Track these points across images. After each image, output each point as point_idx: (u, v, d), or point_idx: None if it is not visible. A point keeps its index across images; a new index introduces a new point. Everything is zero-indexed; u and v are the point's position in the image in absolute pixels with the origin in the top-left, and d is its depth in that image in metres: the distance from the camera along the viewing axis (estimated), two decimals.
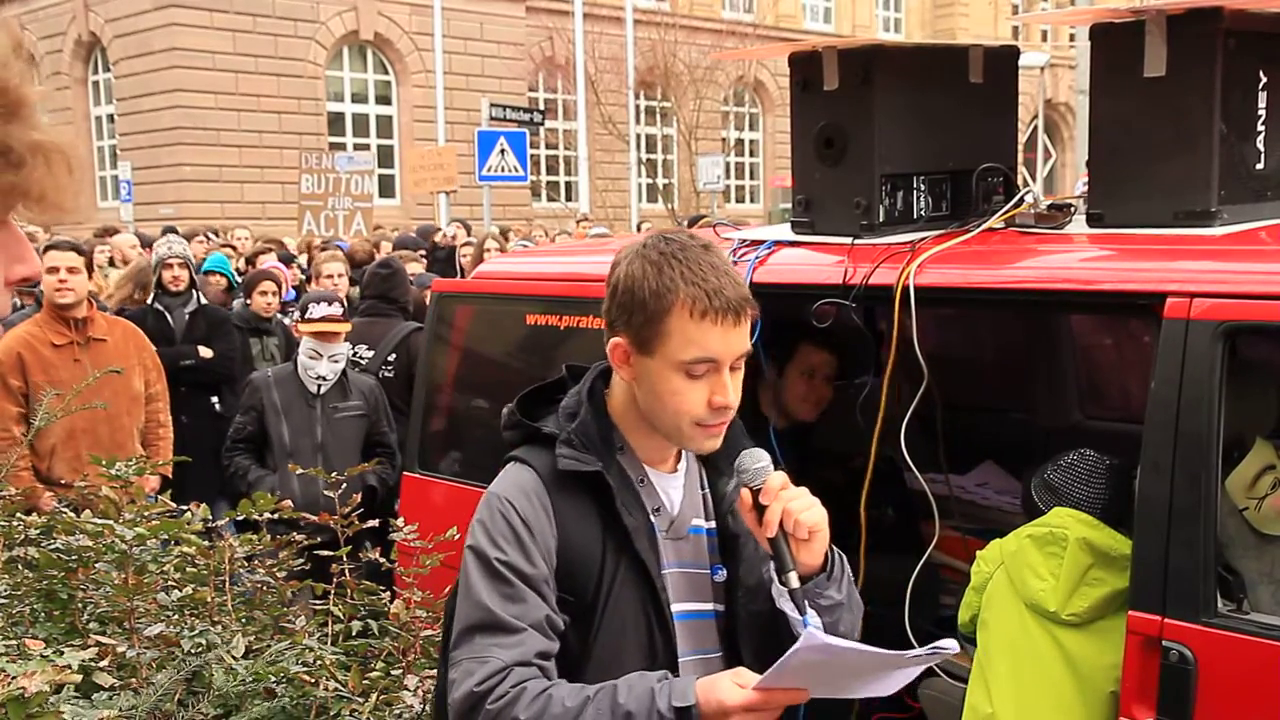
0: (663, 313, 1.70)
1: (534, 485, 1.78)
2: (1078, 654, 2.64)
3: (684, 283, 1.70)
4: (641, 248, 1.77)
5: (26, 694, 1.67)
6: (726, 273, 1.74)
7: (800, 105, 3.25)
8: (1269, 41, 2.80)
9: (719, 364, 1.72)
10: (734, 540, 1.86)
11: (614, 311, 1.77)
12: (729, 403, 1.73)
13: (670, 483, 1.86)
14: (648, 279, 1.72)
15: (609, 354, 1.78)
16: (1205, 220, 2.73)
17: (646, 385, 1.75)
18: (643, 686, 1.63)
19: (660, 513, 1.83)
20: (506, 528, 1.74)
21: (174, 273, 6.45)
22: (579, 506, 1.78)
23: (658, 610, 1.78)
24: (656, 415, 1.77)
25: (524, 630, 1.69)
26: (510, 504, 1.76)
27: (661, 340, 1.71)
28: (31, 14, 25.14)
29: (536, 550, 1.74)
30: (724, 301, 1.70)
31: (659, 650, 1.78)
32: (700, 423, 1.74)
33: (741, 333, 1.73)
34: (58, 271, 5.09)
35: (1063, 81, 32.52)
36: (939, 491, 3.27)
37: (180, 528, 2.83)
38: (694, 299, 1.69)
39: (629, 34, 23.88)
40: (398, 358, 5.84)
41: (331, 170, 14.72)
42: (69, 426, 5.01)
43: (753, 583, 1.85)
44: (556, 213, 24.18)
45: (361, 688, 2.49)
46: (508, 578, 1.71)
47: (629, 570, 1.77)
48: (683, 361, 1.70)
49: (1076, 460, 2.88)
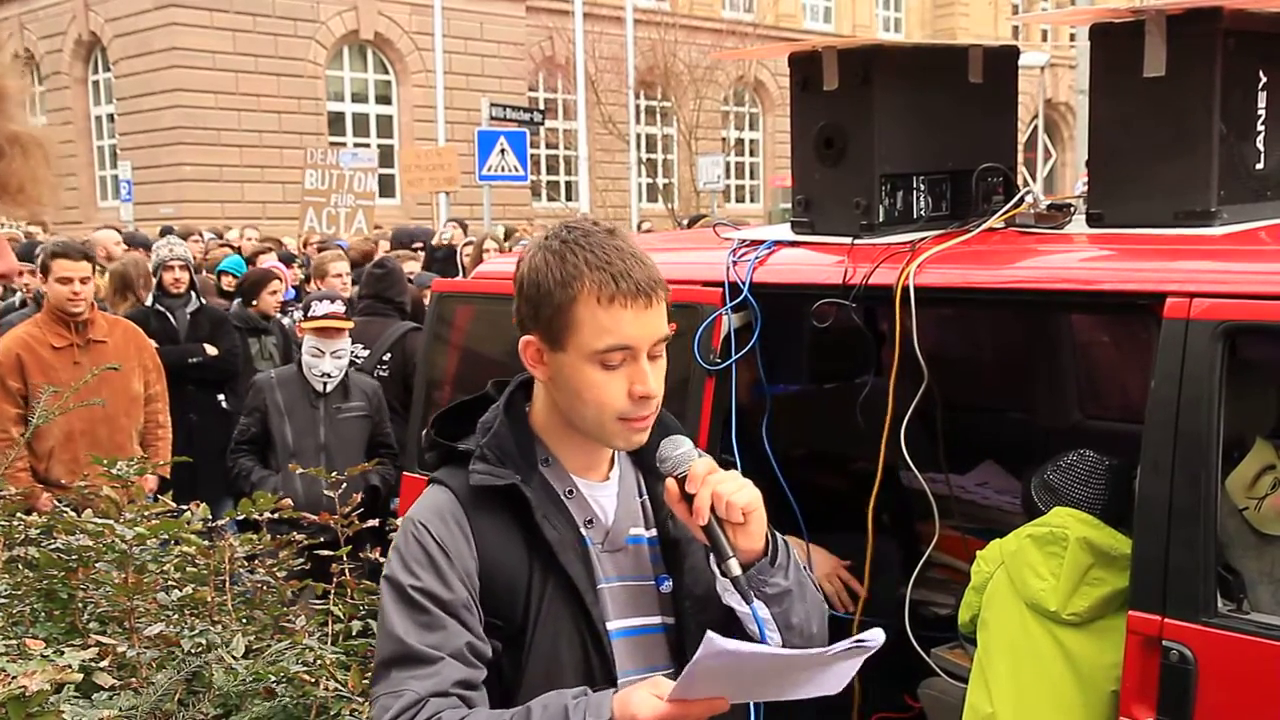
0: (569, 302, 1.62)
1: (450, 506, 1.69)
2: (1078, 653, 2.64)
3: (588, 268, 1.62)
4: (544, 239, 1.69)
5: (27, 693, 1.67)
6: (633, 255, 1.65)
7: (800, 105, 3.25)
8: (1269, 41, 2.80)
9: (635, 350, 1.63)
10: (677, 548, 1.76)
11: (523, 309, 1.69)
12: (650, 391, 1.64)
13: (602, 492, 1.76)
14: (550, 269, 1.64)
15: (521, 354, 1.71)
16: (1205, 220, 2.73)
17: (563, 383, 1.67)
18: (557, 705, 1.55)
19: (594, 524, 1.74)
20: (421, 553, 1.66)
21: (175, 275, 6.47)
22: (500, 525, 1.68)
23: (590, 628, 1.68)
24: (577, 414, 1.68)
25: (440, 659, 1.61)
26: (425, 528, 1.67)
27: (571, 331, 1.63)
28: (31, 14, 25.15)
29: (454, 574, 1.65)
30: (632, 284, 1.61)
31: (595, 671, 1.68)
32: (623, 416, 1.65)
33: (656, 315, 1.64)
34: (70, 283, 5.10)
35: (1063, 81, 32.52)
36: (939, 491, 3.26)
37: (180, 527, 2.83)
38: (600, 284, 1.61)
39: (629, 34, 23.88)
40: (393, 358, 5.84)
41: (335, 166, 14.71)
42: (67, 428, 5.01)
43: (701, 592, 1.75)
44: (556, 212, 24.17)
45: (361, 688, 2.49)
46: (424, 605, 1.63)
47: (558, 587, 1.68)
48: (596, 351, 1.62)
49: (1076, 461, 2.88)
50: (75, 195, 24.97)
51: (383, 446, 5.13)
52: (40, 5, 24.86)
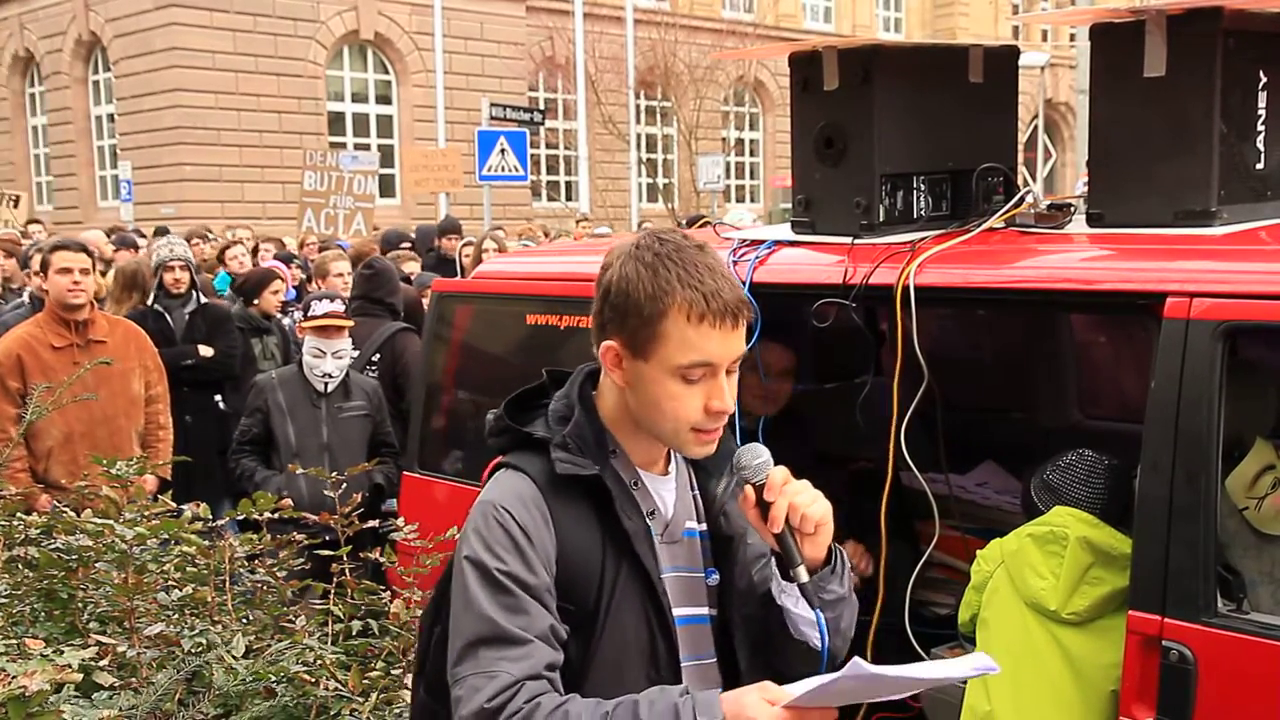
0: (658, 316, 1.65)
1: (530, 492, 1.72)
2: (1078, 653, 2.64)
3: (680, 285, 1.65)
4: (634, 248, 1.71)
5: (27, 693, 1.67)
6: (723, 274, 1.69)
7: (800, 105, 3.25)
8: (1269, 41, 2.80)
9: (716, 368, 1.68)
10: (726, 543, 1.83)
11: (606, 314, 1.72)
12: (726, 408, 1.69)
13: (663, 485, 1.82)
14: (642, 281, 1.67)
15: (600, 357, 1.74)
16: (1205, 220, 2.73)
17: (641, 390, 1.71)
18: (665, 702, 1.58)
19: (655, 516, 1.79)
20: (505, 536, 1.68)
21: (175, 275, 6.46)
22: (577, 512, 1.73)
23: (659, 615, 1.74)
24: (652, 420, 1.73)
25: (531, 642, 1.63)
26: (507, 511, 1.70)
27: (657, 344, 1.66)
28: (31, 14, 25.14)
29: (537, 559, 1.68)
30: (722, 304, 1.65)
31: (661, 657, 1.74)
32: (697, 428, 1.70)
33: (739, 336, 1.69)
34: (70, 273, 5.08)
35: (1063, 81, 32.52)
36: (939, 491, 3.26)
37: (180, 527, 2.83)
38: (691, 302, 1.64)
39: (629, 33, 23.87)
40: (382, 358, 5.83)
41: (335, 168, 14.68)
42: (66, 429, 5.01)
43: (744, 586, 1.82)
44: (557, 212, 24.17)
45: (361, 687, 2.49)
46: (509, 588, 1.66)
47: (630, 576, 1.73)
48: (679, 366, 1.66)
49: (1075, 460, 2.88)
50: (75, 195, 24.97)
51: (384, 446, 5.13)
52: (40, 5, 24.85)
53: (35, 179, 26.14)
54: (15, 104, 26.40)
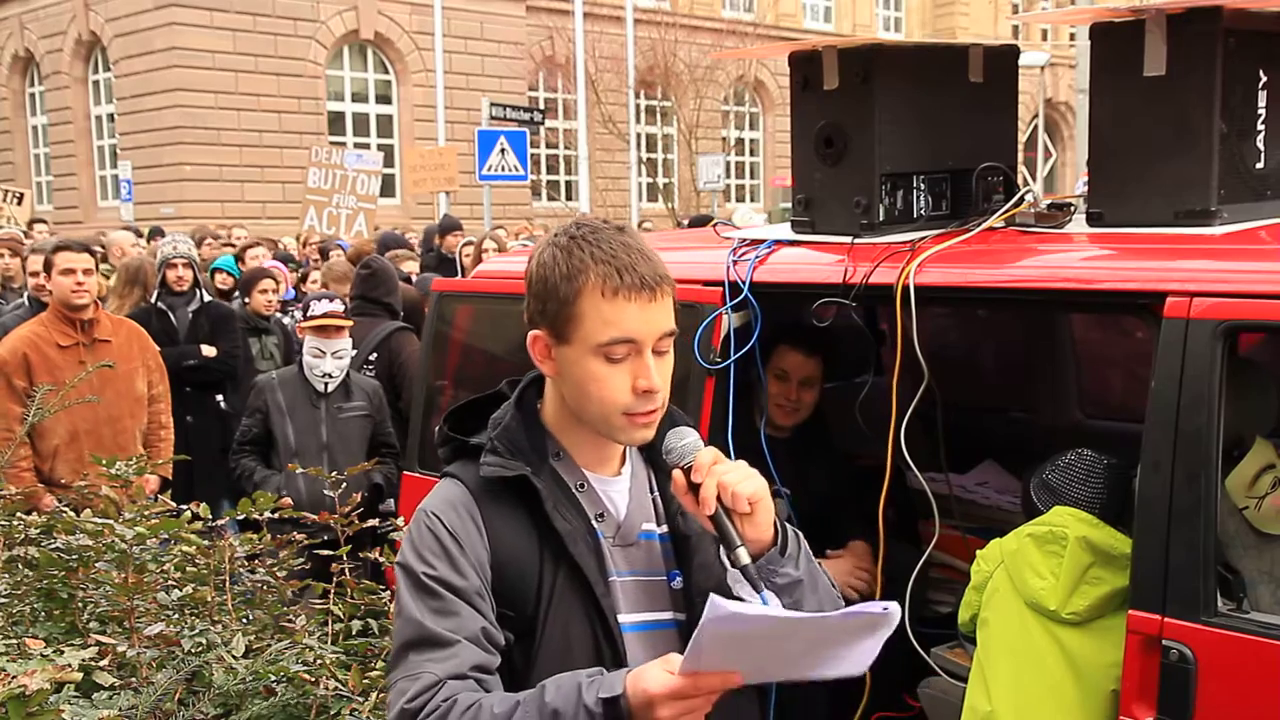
0: (575, 295, 1.65)
1: (461, 498, 1.72)
2: (1078, 653, 2.64)
3: (594, 262, 1.64)
4: (553, 236, 1.73)
5: (27, 692, 1.67)
6: (640, 251, 1.67)
7: (800, 105, 3.25)
8: (1269, 41, 2.80)
9: (639, 344, 1.65)
10: (688, 544, 1.78)
11: (531, 305, 1.72)
12: (654, 385, 1.66)
13: (613, 486, 1.78)
14: (558, 264, 1.67)
15: (529, 350, 1.73)
16: (1205, 220, 2.73)
17: (569, 376, 1.69)
18: (570, 683, 1.55)
19: (605, 518, 1.76)
20: (434, 542, 1.68)
21: (178, 273, 6.45)
22: (511, 516, 1.71)
23: (602, 619, 1.70)
24: (583, 408, 1.70)
25: (458, 642, 1.62)
26: (437, 517, 1.70)
27: (576, 324, 1.65)
28: (31, 14, 25.14)
29: (467, 563, 1.67)
30: (636, 277, 1.64)
31: (607, 662, 1.68)
32: (627, 411, 1.67)
33: (660, 310, 1.67)
34: (74, 273, 5.08)
35: (1063, 81, 32.52)
36: (939, 491, 3.26)
37: (180, 527, 2.83)
38: (605, 277, 1.63)
39: (629, 33, 23.86)
40: (379, 357, 5.83)
41: (339, 166, 14.66)
42: (72, 428, 5.02)
43: (711, 587, 1.71)
44: (557, 212, 24.16)
45: (361, 687, 2.49)
46: (438, 591, 1.65)
47: (568, 579, 1.70)
48: (600, 344, 1.64)
49: (1074, 460, 2.88)
50: (75, 195, 24.97)
51: (384, 446, 5.14)
52: (40, 5, 24.85)
53: (35, 179, 26.13)
54: (15, 104, 26.40)
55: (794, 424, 3.54)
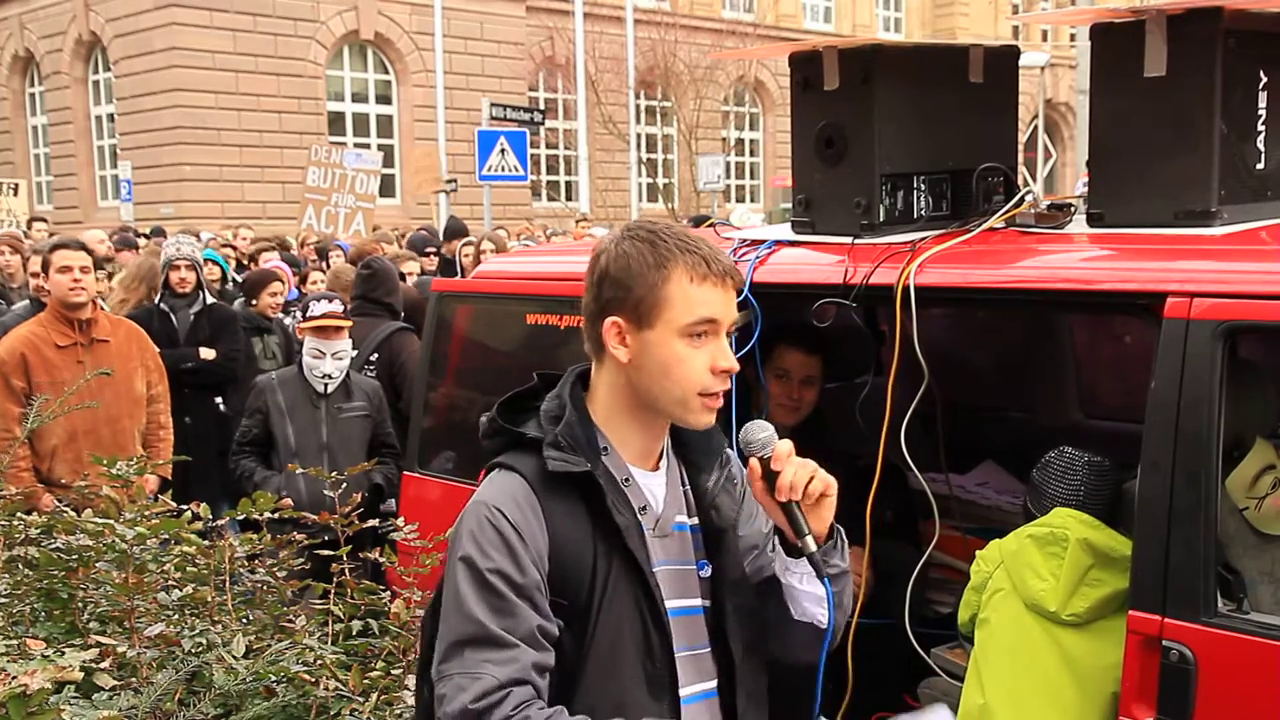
0: (663, 281, 1.75)
1: (523, 491, 1.77)
2: (1077, 655, 2.64)
3: (680, 251, 1.76)
4: (626, 231, 1.82)
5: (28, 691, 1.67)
6: (711, 245, 1.80)
7: (800, 105, 3.25)
8: (1269, 41, 2.80)
9: (719, 326, 1.77)
10: (719, 535, 1.88)
11: (605, 294, 1.79)
12: (732, 365, 1.78)
13: (654, 481, 1.86)
14: (643, 255, 1.76)
15: (604, 335, 1.80)
16: (1205, 220, 2.73)
17: (648, 359, 1.77)
18: None
19: (646, 511, 1.83)
20: (496, 536, 1.72)
21: (181, 274, 6.43)
22: (569, 509, 1.77)
23: (652, 607, 1.78)
24: (662, 389, 1.78)
25: (517, 646, 1.67)
26: (500, 511, 1.74)
27: (662, 308, 1.75)
28: (31, 14, 25.14)
29: (528, 557, 1.72)
30: (721, 266, 1.77)
31: (655, 648, 1.79)
32: (704, 392, 1.77)
33: (735, 299, 1.81)
34: (70, 271, 5.08)
35: (1063, 81, 32.52)
36: (939, 491, 3.27)
37: (180, 527, 2.83)
38: (693, 264, 1.75)
39: (629, 33, 23.87)
40: (379, 358, 5.83)
41: (339, 165, 14.64)
42: (70, 428, 5.01)
43: (737, 577, 1.88)
44: (557, 212, 24.17)
45: (362, 687, 2.49)
46: (499, 588, 1.69)
47: (622, 569, 1.77)
48: (687, 324, 1.75)
49: (1054, 458, 2.91)
50: (75, 195, 24.96)
51: (385, 446, 5.13)
52: (40, 5, 24.84)
53: (35, 179, 26.13)
54: (15, 104, 26.39)
55: (795, 423, 3.54)
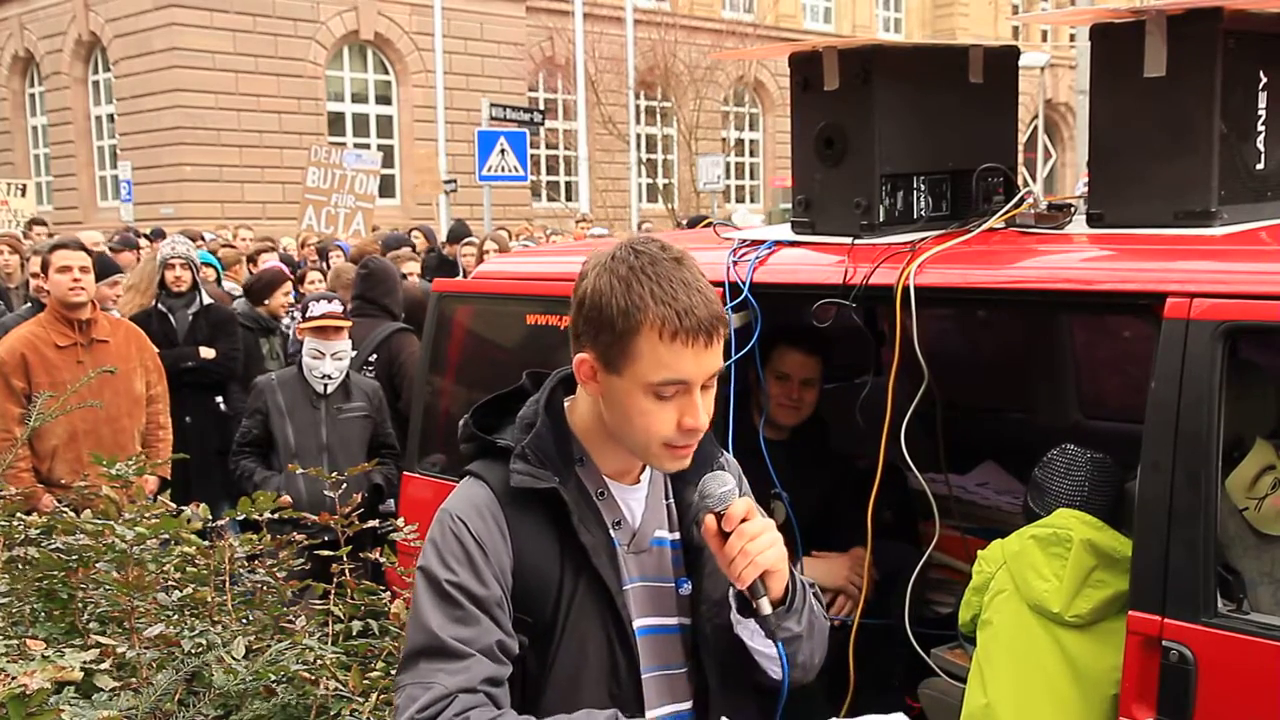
0: (630, 333, 1.61)
1: (488, 502, 1.71)
2: (1079, 656, 2.64)
3: (654, 301, 1.60)
4: (610, 259, 1.66)
5: (28, 691, 1.67)
6: (699, 289, 1.63)
7: (800, 105, 3.25)
8: (1269, 41, 2.80)
9: (689, 386, 1.63)
10: (699, 553, 1.79)
11: (580, 325, 1.68)
12: (699, 425, 1.66)
13: (631, 495, 1.79)
14: (615, 296, 1.62)
15: (575, 369, 1.71)
16: (1205, 220, 2.73)
17: (613, 404, 1.67)
18: None
19: (621, 526, 1.76)
20: (458, 547, 1.67)
21: (176, 273, 6.45)
22: (535, 523, 1.71)
23: (619, 628, 1.72)
24: (624, 434, 1.70)
25: (471, 656, 1.63)
26: (463, 522, 1.69)
27: (629, 361, 1.62)
28: (31, 14, 25.14)
29: (489, 571, 1.67)
30: (695, 322, 1.60)
31: (621, 669, 1.72)
32: (669, 444, 1.67)
33: (714, 353, 1.65)
34: (70, 271, 5.08)
35: (1063, 81, 32.51)
36: (939, 491, 3.27)
37: (180, 526, 2.83)
38: (664, 319, 1.59)
39: (629, 34, 23.86)
40: (378, 358, 5.83)
41: (338, 166, 14.65)
42: (70, 428, 5.02)
43: (718, 596, 1.78)
44: (556, 213, 24.16)
45: (362, 687, 2.49)
46: (458, 600, 1.65)
47: (588, 589, 1.71)
48: (652, 384, 1.62)
49: (1056, 455, 2.90)
50: (75, 195, 24.96)
51: (384, 446, 5.14)
52: (40, 5, 24.84)
53: (35, 179, 26.10)
54: (15, 104, 26.39)
55: (795, 423, 3.54)
